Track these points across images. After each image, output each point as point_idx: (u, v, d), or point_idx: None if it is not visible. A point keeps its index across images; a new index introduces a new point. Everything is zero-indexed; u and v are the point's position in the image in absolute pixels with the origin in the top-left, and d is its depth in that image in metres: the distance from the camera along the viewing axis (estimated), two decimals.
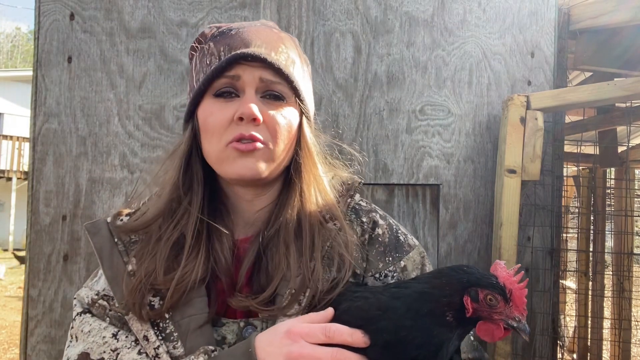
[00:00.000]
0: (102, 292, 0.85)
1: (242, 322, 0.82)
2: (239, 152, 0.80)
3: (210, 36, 0.86)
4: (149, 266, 0.79)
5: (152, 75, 1.47)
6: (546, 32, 1.60)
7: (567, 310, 3.96)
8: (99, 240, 0.85)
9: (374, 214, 0.95)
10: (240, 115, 0.79)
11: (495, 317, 0.72)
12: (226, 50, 0.81)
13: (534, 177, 1.44)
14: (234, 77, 0.80)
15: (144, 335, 0.78)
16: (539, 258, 1.57)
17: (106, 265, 0.83)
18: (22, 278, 2.23)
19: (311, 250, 0.83)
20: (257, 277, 0.84)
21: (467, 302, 0.72)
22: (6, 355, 5.57)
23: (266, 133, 0.81)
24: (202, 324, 0.79)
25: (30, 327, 1.42)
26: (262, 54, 0.80)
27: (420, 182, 1.53)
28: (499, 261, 0.76)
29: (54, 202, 1.44)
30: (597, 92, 1.43)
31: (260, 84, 0.81)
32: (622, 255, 3.10)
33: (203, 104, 0.83)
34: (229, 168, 0.81)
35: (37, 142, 1.44)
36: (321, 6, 1.51)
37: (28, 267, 1.44)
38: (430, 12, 1.55)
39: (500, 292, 0.72)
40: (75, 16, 1.46)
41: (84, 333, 0.82)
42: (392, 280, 0.89)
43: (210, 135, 0.82)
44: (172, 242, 0.81)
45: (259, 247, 0.85)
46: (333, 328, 0.72)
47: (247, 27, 0.85)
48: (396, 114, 1.53)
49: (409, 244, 0.94)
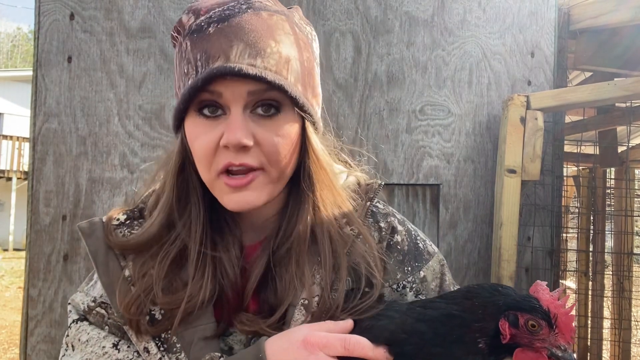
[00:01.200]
0: (100, 298, 0.79)
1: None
2: (230, 187, 0.71)
3: (187, 29, 0.73)
4: (147, 283, 0.73)
5: (152, 75, 1.47)
6: (546, 32, 1.60)
7: None
8: (93, 242, 0.79)
9: (392, 219, 0.87)
10: (226, 143, 0.68)
11: (537, 345, 0.65)
12: (203, 59, 0.69)
13: (534, 177, 1.44)
14: (214, 93, 0.69)
15: (145, 347, 0.73)
16: (539, 258, 1.57)
17: (101, 270, 0.77)
18: (22, 278, 2.23)
19: (330, 259, 0.76)
20: (265, 292, 0.78)
21: (504, 328, 0.66)
22: (6, 355, 5.57)
23: (261, 157, 0.71)
24: (208, 334, 0.74)
25: (30, 327, 1.42)
26: (243, 69, 0.67)
27: (420, 182, 1.53)
28: (539, 282, 0.68)
29: (54, 202, 1.44)
30: (597, 92, 1.43)
31: (249, 98, 0.69)
32: (622, 255, 3.10)
33: (188, 121, 0.73)
34: (221, 200, 0.74)
35: (37, 142, 1.44)
36: (321, 6, 1.51)
37: (28, 267, 1.44)
38: (430, 12, 1.55)
39: (544, 317, 0.64)
40: (75, 16, 1.46)
41: (81, 342, 0.76)
42: (410, 291, 0.83)
43: (198, 161, 0.73)
44: (170, 259, 0.75)
45: (268, 259, 0.78)
46: (353, 340, 0.66)
47: (229, 19, 0.70)
48: (396, 113, 1.53)
49: (428, 251, 0.87)
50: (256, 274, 0.77)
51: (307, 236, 0.77)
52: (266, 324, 0.73)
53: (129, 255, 0.78)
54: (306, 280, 0.74)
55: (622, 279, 3.04)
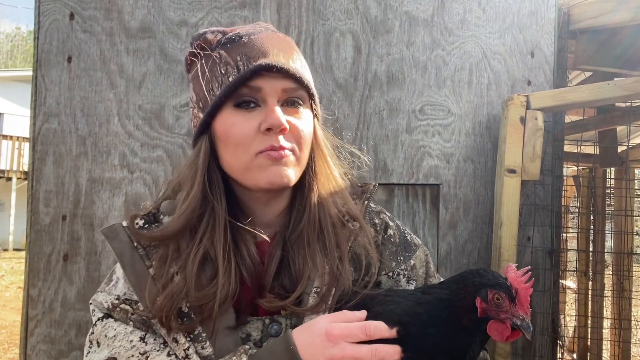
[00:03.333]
0: (123, 296, 0.83)
1: (267, 319, 0.83)
2: (271, 159, 0.80)
3: (216, 43, 0.84)
4: (179, 283, 0.78)
5: (152, 75, 1.47)
6: (546, 32, 1.60)
7: (567, 310, 3.96)
8: (118, 245, 0.84)
9: (384, 215, 0.99)
10: (269, 126, 0.79)
11: (502, 316, 0.74)
12: (244, 59, 0.80)
13: (534, 177, 1.44)
14: (255, 88, 0.80)
15: (174, 337, 0.78)
16: (539, 258, 1.57)
17: (129, 270, 0.82)
18: (22, 278, 2.23)
19: (337, 248, 0.85)
20: (279, 279, 0.85)
21: (477, 303, 0.75)
22: (6, 355, 5.57)
23: (292, 140, 0.82)
24: (229, 322, 0.80)
25: (30, 327, 1.42)
26: (284, 65, 0.81)
27: (420, 182, 1.53)
28: (510, 264, 0.78)
29: (54, 202, 1.44)
30: (597, 92, 1.43)
31: (282, 94, 0.82)
32: (622, 255, 3.10)
33: (222, 115, 0.82)
34: (259, 176, 0.81)
35: (37, 142, 1.44)
36: (321, 6, 1.51)
37: (28, 267, 1.44)
38: (430, 11, 1.55)
39: (507, 291, 0.74)
40: (75, 16, 1.46)
41: (108, 338, 0.80)
42: (403, 278, 0.94)
43: (234, 146, 0.81)
44: (199, 257, 0.81)
45: (282, 247, 0.87)
46: (372, 326, 0.74)
47: (256, 34, 0.84)
48: (396, 113, 1.53)
49: (415, 243, 1.00)
50: (273, 264, 0.85)
51: (316, 222, 0.86)
52: (287, 301, 0.81)
53: (152, 255, 0.83)
54: (319, 264, 0.83)
55: (622, 279, 3.04)
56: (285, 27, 1.49)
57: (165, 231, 0.83)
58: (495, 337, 0.76)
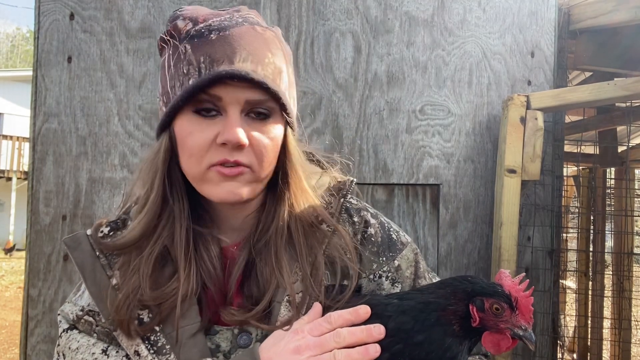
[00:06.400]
0: (87, 307, 0.82)
1: (236, 330, 0.79)
2: (222, 176, 0.75)
3: (185, 34, 0.77)
4: (134, 283, 0.76)
5: (152, 75, 1.47)
6: (546, 32, 1.60)
7: (567, 310, 3.96)
8: (79, 255, 0.81)
9: (365, 213, 0.92)
10: (225, 141, 0.73)
11: (502, 326, 0.71)
12: (207, 62, 0.73)
13: (534, 177, 1.44)
14: (215, 96, 0.73)
15: (135, 350, 0.76)
16: (539, 258, 1.57)
17: (89, 281, 0.79)
18: (22, 278, 2.23)
19: (307, 254, 0.81)
20: (248, 286, 0.81)
21: (473, 311, 0.72)
22: (6, 355, 5.57)
23: (251, 156, 0.76)
24: (194, 333, 0.76)
25: (30, 327, 1.42)
26: (249, 74, 0.72)
27: (420, 182, 1.53)
28: (503, 270, 0.75)
29: (54, 202, 1.44)
30: (597, 92, 1.43)
31: (246, 105, 0.75)
32: (622, 255, 3.10)
33: (181, 118, 0.76)
34: (210, 191, 0.77)
35: (37, 142, 1.44)
36: (321, 6, 1.51)
37: (28, 267, 1.44)
38: (430, 11, 1.55)
39: (506, 300, 0.71)
40: (75, 16, 1.46)
41: (71, 350, 0.79)
42: (386, 280, 0.88)
43: (188, 155, 0.76)
44: (154, 257, 0.78)
45: (248, 254, 0.82)
46: (335, 315, 0.74)
47: (228, 29, 0.76)
48: (396, 113, 1.53)
49: (401, 241, 0.92)
50: (237, 269, 0.81)
51: (284, 231, 0.82)
52: (251, 315, 0.77)
53: (115, 265, 0.80)
54: (286, 275, 0.79)
55: (622, 279, 3.04)
56: (286, 27, 1.49)
57: (125, 239, 0.79)
58: (490, 350, 0.73)
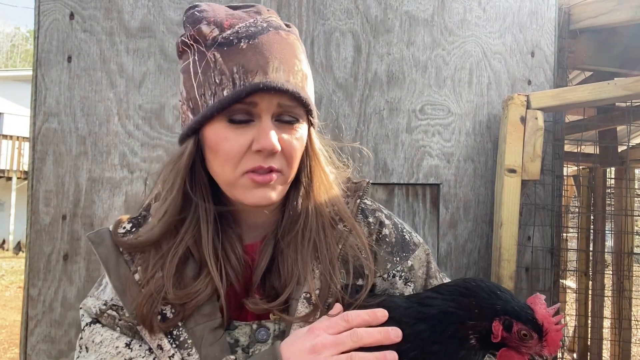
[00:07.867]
0: (110, 301, 0.83)
1: (255, 325, 0.81)
2: (255, 183, 0.78)
3: (212, 40, 0.77)
4: (157, 282, 0.78)
5: (152, 75, 1.47)
6: (546, 32, 1.60)
7: (567, 309, 3.96)
8: (103, 250, 0.83)
9: (380, 214, 0.94)
10: (261, 148, 0.75)
11: (523, 351, 0.70)
12: (241, 72, 0.75)
13: (534, 177, 1.44)
14: (251, 103, 0.76)
15: (158, 344, 0.77)
16: (539, 257, 1.57)
17: (113, 275, 0.81)
18: (22, 278, 2.23)
19: (327, 252, 0.83)
20: (269, 280, 0.84)
21: (497, 330, 0.70)
22: (6, 355, 5.57)
23: (282, 160, 0.79)
24: (215, 328, 0.78)
25: (30, 326, 1.42)
26: (283, 85, 0.75)
27: (420, 181, 1.53)
28: (539, 294, 0.73)
29: (54, 201, 1.44)
30: (597, 92, 1.43)
31: (277, 109, 0.78)
32: (622, 254, 3.10)
33: (213, 125, 0.78)
34: (241, 196, 0.80)
35: (37, 141, 1.44)
36: (321, 5, 1.51)
37: (28, 267, 1.44)
38: (430, 11, 1.55)
39: (537, 329, 0.69)
40: (75, 16, 1.46)
41: (95, 344, 0.80)
42: (400, 280, 0.89)
43: (222, 160, 0.78)
44: (178, 257, 0.80)
45: (272, 251, 0.85)
46: (352, 314, 0.74)
47: (256, 36, 0.77)
48: (396, 113, 1.53)
49: (414, 242, 0.94)
50: (262, 266, 0.83)
51: (308, 227, 0.84)
52: (273, 305, 0.79)
53: (137, 260, 0.82)
54: (307, 271, 0.81)
55: (622, 279, 3.04)
56: None
57: (144, 239, 0.81)
58: None
